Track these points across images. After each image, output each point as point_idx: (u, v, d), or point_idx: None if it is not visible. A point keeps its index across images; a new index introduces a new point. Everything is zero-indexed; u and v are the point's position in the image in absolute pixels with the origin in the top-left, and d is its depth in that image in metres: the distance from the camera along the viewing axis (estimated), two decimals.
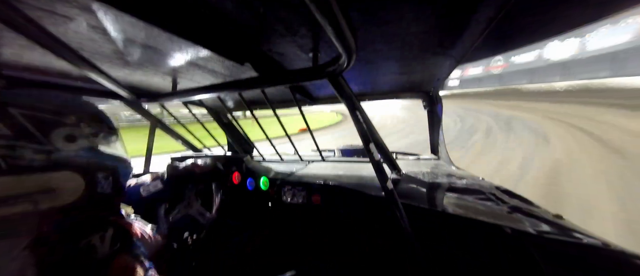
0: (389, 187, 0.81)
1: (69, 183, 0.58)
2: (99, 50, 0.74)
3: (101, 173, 0.65)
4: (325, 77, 0.70)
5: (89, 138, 0.63)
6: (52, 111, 0.58)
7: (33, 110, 0.55)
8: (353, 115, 0.85)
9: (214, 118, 1.77)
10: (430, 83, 1.12)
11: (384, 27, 0.58)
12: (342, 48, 0.54)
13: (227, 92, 0.95)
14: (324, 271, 1.17)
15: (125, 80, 1.05)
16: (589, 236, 0.62)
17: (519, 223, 0.68)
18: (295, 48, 0.71)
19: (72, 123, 0.60)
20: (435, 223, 0.81)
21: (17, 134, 0.52)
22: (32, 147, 0.53)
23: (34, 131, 0.54)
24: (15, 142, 0.51)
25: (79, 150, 0.61)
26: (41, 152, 0.54)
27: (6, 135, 0.51)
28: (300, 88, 1.27)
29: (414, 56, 0.78)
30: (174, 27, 0.60)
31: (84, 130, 0.62)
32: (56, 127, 0.57)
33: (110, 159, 0.68)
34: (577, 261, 0.54)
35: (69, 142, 0.59)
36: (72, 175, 0.59)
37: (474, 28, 0.58)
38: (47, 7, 0.51)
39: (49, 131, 0.56)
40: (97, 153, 0.65)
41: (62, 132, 0.58)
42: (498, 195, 0.90)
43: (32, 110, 0.55)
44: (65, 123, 0.59)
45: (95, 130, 0.65)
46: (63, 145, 0.57)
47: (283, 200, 1.28)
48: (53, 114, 0.58)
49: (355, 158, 1.70)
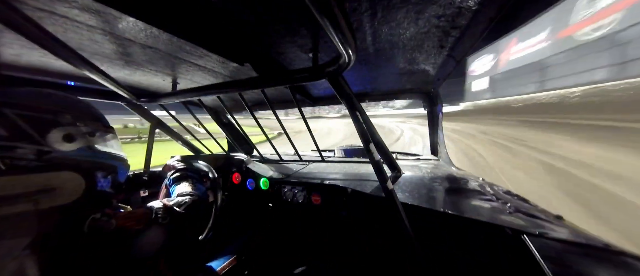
0: (389, 187, 0.81)
1: (69, 182, 0.58)
2: (99, 51, 0.74)
3: (100, 172, 0.66)
4: (325, 77, 0.70)
5: (86, 137, 0.63)
6: (48, 110, 0.58)
7: (29, 110, 0.55)
8: (353, 116, 0.85)
9: (213, 118, 1.77)
10: (430, 83, 1.12)
11: (384, 27, 0.58)
12: (342, 48, 0.54)
13: (227, 93, 0.95)
14: (324, 271, 1.17)
15: (125, 80, 1.05)
16: (589, 237, 0.62)
17: (519, 223, 0.68)
18: (295, 48, 0.71)
19: (68, 123, 0.60)
20: (435, 223, 0.81)
21: (15, 134, 0.52)
22: (30, 147, 0.53)
23: (31, 131, 0.54)
24: (12, 143, 0.51)
25: (77, 149, 0.61)
26: (40, 152, 0.54)
27: (3, 136, 0.51)
28: (301, 88, 1.27)
29: (414, 56, 0.78)
30: (174, 27, 0.60)
31: (81, 129, 0.62)
32: (54, 127, 0.57)
33: (108, 157, 0.69)
34: (578, 262, 0.54)
35: (67, 142, 0.59)
36: (71, 174, 0.59)
37: (474, 28, 0.58)
38: (47, 7, 0.51)
39: (46, 131, 0.56)
40: (95, 152, 0.65)
41: (60, 132, 0.58)
42: (498, 195, 0.90)
43: (28, 110, 0.55)
44: (62, 122, 0.59)
45: (92, 128, 0.65)
46: (61, 145, 0.58)
47: (283, 200, 1.28)
48: (49, 114, 0.58)
49: (355, 158, 1.70)
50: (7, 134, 0.51)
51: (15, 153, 0.51)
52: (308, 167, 1.55)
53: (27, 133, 0.53)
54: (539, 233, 0.63)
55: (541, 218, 0.71)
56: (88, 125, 0.64)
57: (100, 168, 0.66)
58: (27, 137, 0.53)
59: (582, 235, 0.63)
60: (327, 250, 1.23)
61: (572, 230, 0.65)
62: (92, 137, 0.64)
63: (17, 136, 0.52)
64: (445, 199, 0.90)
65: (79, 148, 0.61)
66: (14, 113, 0.53)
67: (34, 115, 0.55)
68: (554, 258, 0.55)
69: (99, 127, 0.67)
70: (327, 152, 2.37)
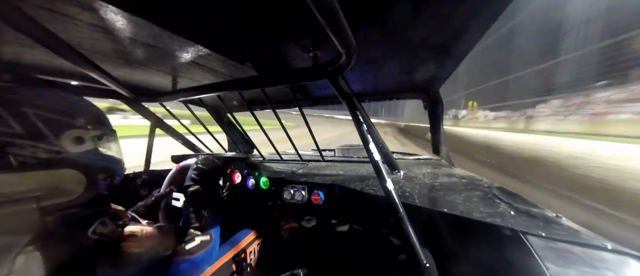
0: (389, 187, 0.81)
1: (72, 183, 0.59)
2: (99, 49, 0.74)
3: (101, 174, 0.66)
4: (325, 76, 0.70)
5: (95, 140, 0.64)
6: (63, 112, 0.59)
7: (46, 111, 0.56)
8: (353, 115, 0.85)
9: (214, 117, 1.77)
10: (431, 83, 1.12)
11: (385, 27, 0.58)
12: (342, 48, 0.54)
13: (227, 92, 0.95)
14: (323, 271, 1.17)
15: (125, 79, 1.05)
16: (589, 237, 0.62)
17: (519, 223, 0.68)
18: (296, 47, 0.71)
19: (81, 126, 0.61)
20: (435, 223, 0.81)
21: (30, 133, 0.52)
22: (43, 147, 0.54)
23: (46, 131, 0.54)
24: (27, 141, 0.52)
25: (85, 152, 0.62)
26: (50, 151, 0.55)
27: (18, 133, 0.51)
28: (301, 88, 1.27)
29: (414, 56, 0.78)
30: (174, 25, 0.60)
31: (90, 133, 0.63)
32: (68, 129, 0.58)
33: (110, 161, 0.69)
34: (578, 262, 0.54)
35: (78, 144, 0.60)
36: (76, 174, 0.59)
37: (474, 27, 0.58)
38: (47, 6, 0.51)
39: (60, 132, 0.57)
40: (99, 155, 0.66)
41: (73, 134, 0.59)
42: (498, 195, 0.90)
43: (44, 111, 0.56)
44: (75, 125, 0.60)
45: (100, 132, 0.66)
46: (72, 147, 0.59)
47: (283, 200, 1.28)
48: (64, 115, 0.59)
49: (355, 158, 1.70)
50: (23, 132, 0.52)
51: (27, 151, 0.52)
52: (308, 166, 1.55)
53: (41, 133, 0.54)
54: (538, 233, 0.63)
55: (541, 218, 0.71)
56: (97, 128, 0.65)
57: (102, 171, 0.67)
58: (40, 136, 0.54)
59: (582, 234, 0.63)
60: (327, 249, 1.23)
61: (571, 229, 0.65)
62: (100, 140, 0.65)
63: (30, 135, 0.53)
64: (445, 199, 0.90)
65: (86, 151, 0.62)
66: (32, 112, 0.54)
67: (50, 116, 0.56)
68: (553, 258, 0.55)
69: (105, 131, 0.68)
70: (327, 151, 2.37)
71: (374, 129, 1.02)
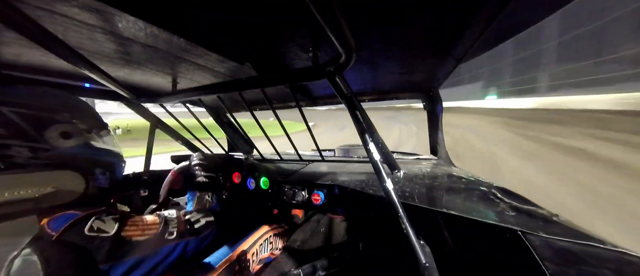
0: (389, 187, 0.81)
1: (69, 180, 0.59)
2: (99, 50, 0.74)
3: (98, 168, 0.66)
4: (325, 76, 0.70)
5: (84, 134, 0.63)
6: (45, 108, 0.58)
7: (26, 108, 0.55)
8: (353, 115, 0.85)
9: (213, 118, 1.77)
10: (431, 83, 1.12)
11: (384, 27, 0.58)
12: (342, 48, 0.54)
13: (227, 92, 0.95)
14: (323, 271, 1.17)
15: (124, 80, 1.05)
16: (588, 236, 0.62)
17: (518, 222, 0.68)
18: (296, 47, 0.71)
19: (65, 120, 0.60)
20: (435, 223, 0.81)
21: (13, 132, 0.52)
22: (28, 145, 0.53)
23: (29, 129, 0.54)
24: (10, 141, 0.51)
25: (75, 146, 0.61)
26: (38, 149, 0.54)
27: (1, 135, 0.51)
28: (301, 88, 1.27)
29: (414, 56, 0.78)
30: (174, 26, 0.60)
31: (78, 126, 0.62)
32: (51, 124, 0.57)
33: (105, 154, 0.69)
34: (578, 261, 0.54)
35: (65, 139, 0.59)
36: (70, 172, 0.59)
37: (474, 27, 0.58)
38: (47, 6, 0.51)
39: (44, 128, 0.56)
40: (92, 148, 0.65)
41: (57, 129, 0.58)
42: (497, 194, 0.90)
43: (25, 108, 0.55)
44: (59, 120, 0.59)
45: (88, 125, 0.65)
46: (59, 142, 0.58)
47: (283, 200, 1.28)
48: (46, 111, 0.58)
49: (355, 158, 1.70)
50: (5, 132, 0.51)
51: (13, 152, 0.51)
52: (308, 166, 1.55)
53: (25, 131, 0.53)
54: (538, 233, 0.63)
55: (540, 218, 0.72)
56: (84, 122, 0.64)
57: (98, 164, 0.66)
58: (25, 135, 0.53)
59: (582, 234, 0.63)
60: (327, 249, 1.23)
61: (571, 229, 0.65)
62: (89, 133, 0.65)
63: (15, 134, 0.52)
64: (444, 198, 0.90)
65: (77, 145, 0.61)
66: (11, 111, 0.53)
67: (31, 113, 0.55)
68: (552, 258, 0.55)
69: (94, 124, 0.67)
70: (327, 151, 2.37)
71: (373, 129, 1.02)
